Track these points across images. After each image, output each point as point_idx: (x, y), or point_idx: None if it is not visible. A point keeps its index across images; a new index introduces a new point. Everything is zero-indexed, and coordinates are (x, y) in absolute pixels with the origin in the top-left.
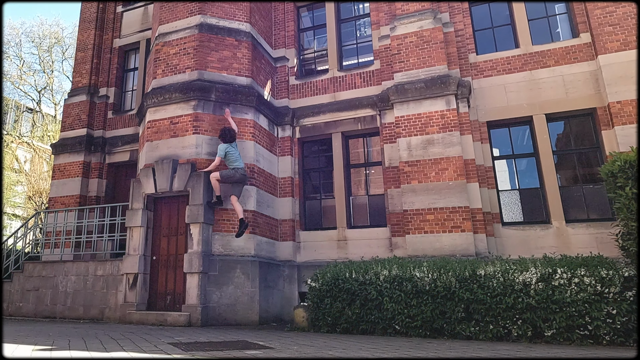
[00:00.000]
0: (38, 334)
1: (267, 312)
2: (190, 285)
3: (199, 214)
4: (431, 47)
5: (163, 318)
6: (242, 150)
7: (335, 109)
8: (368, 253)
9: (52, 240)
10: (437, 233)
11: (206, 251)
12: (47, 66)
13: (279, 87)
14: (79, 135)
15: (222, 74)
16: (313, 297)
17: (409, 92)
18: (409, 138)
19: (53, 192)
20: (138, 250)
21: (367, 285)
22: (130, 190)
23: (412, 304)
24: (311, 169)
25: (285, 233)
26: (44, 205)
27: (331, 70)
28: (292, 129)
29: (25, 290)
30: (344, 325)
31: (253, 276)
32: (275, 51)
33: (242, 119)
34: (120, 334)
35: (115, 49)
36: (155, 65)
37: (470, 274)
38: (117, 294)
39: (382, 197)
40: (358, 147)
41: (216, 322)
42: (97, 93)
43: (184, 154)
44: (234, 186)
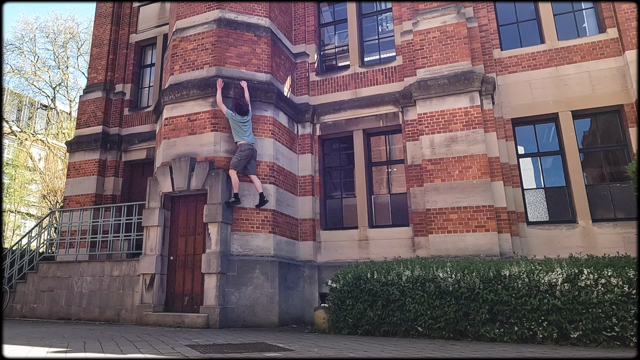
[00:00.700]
0: (53, 336)
1: (286, 313)
2: (208, 286)
3: (217, 213)
4: (454, 42)
5: (180, 319)
6: (261, 148)
7: (357, 106)
8: (390, 253)
9: (67, 240)
10: (461, 233)
11: (224, 251)
12: (62, 62)
13: (299, 84)
14: (95, 133)
15: (240, 70)
16: (334, 298)
17: (432, 88)
18: (432, 135)
19: (68, 190)
20: (155, 250)
21: (389, 286)
22: (147, 188)
23: (435, 305)
24: (332, 167)
25: (305, 232)
26: (59, 204)
27: (352, 66)
28: (312, 126)
29: (40, 291)
30: (365, 327)
31: (272, 277)
32: (295, 47)
33: (261, 116)
34: (136, 335)
35: (132, 45)
36: (173, 61)
37: (495, 274)
38: (134, 295)
39: (404, 195)
40: (380, 144)
41: (235, 323)
42: (113, 89)
43: (202, 151)
44: (249, 165)
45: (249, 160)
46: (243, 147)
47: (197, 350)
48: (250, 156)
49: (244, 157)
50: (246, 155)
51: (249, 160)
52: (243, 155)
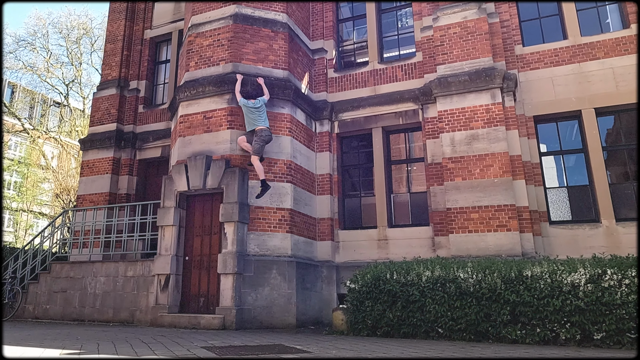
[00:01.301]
0: (66, 338)
1: (304, 314)
2: (225, 287)
3: (234, 212)
4: (475, 38)
5: (196, 321)
6: (279, 146)
7: (376, 103)
8: (410, 253)
9: (80, 239)
10: (482, 232)
11: (241, 251)
12: (75, 58)
13: (316, 80)
14: (109, 130)
15: (257, 67)
16: (352, 299)
17: (453, 85)
18: (453, 133)
19: (81, 189)
20: (170, 250)
21: (409, 287)
22: (162, 187)
23: (456, 306)
24: (350, 166)
25: (323, 232)
26: (72, 203)
27: (371, 62)
28: (330, 124)
29: (53, 292)
30: (384, 328)
31: (290, 277)
32: (313, 43)
33: (279, 114)
34: (151, 337)
35: (146, 41)
36: (188, 58)
37: (517, 275)
38: (148, 295)
39: (424, 194)
40: (399, 142)
41: (251, 325)
42: (128, 86)
43: (218, 149)
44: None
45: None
46: (261, 132)
47: (213, 352)
48: (269, 141)
49: (264, 141)
50: (266, 139)
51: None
52: (263, 139)
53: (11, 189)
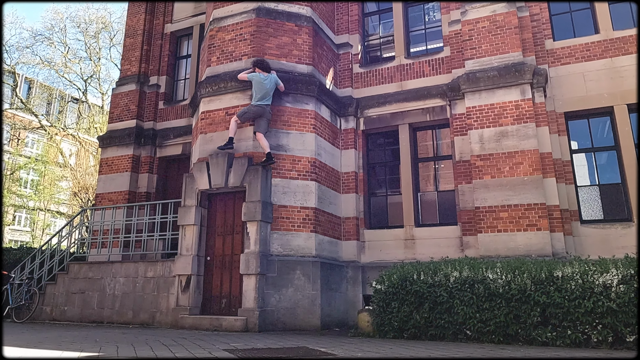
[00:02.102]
0: (84, 340)
1: (329, 316)
2: (247, 288)
3: (257, 211)
4: (505, 32)
5: (218, 323)
6: (303, 144)
7: (402, 99)
8: (437, 253)
9: (99, 239)
10: (511, 232)
11: (264, 251)
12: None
13: (341, 76)
14: (128, 127)
15: (281, 62)
16: (378, 300)
17: (481, 80)
18: (481, 130)
19: (100, 187)
20: (191, 250)
21: (437, 288)
22: (183, 185)
23: (485, 308)
24: (376, 163)
25: (348, 232)
26: (90, 202)
27: (398, 57)
28: (355, 120)
29: (71, 293)
30: (411, 330)
31: (314, 278)
32: (337, 37)
33: (303, 110)
34: (171, 339)
35: (167, 35)
36: (210, 52)
37: (547, 275)
38: (169, 297)
39: (452, 193)
40: (426, 139)
41: (274, 327)
42: (147, 82)
43: (240, 147)
44: (256, 123)
45: (260, 118)
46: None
47: (236, 355)
48: (259, 115)
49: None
50: (253, 112)
51: (260, 118)
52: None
53: (28, 187)
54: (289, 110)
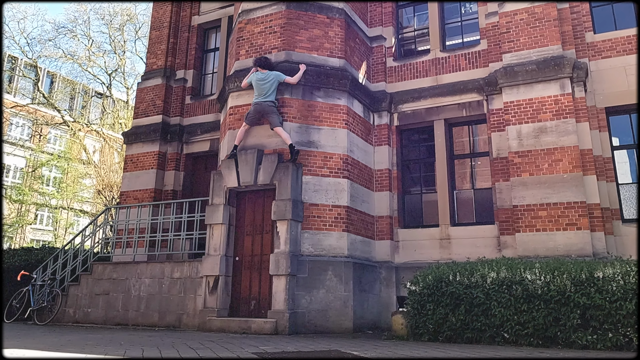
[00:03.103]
0: (108, 343)
1: (361, 318)
2: (277, 289)
3: (287, 210)
4: (544, 25)
5: (247, 325)
6: (335, 140)
7: (437, 94)
8: (473, 253)
9: (123, 239)
10: (550, 231)
11: (294, 251)
12: (118, 46)
13: (374, 70)
14: (154, 123)
15: (312, 55)
16: (413, 302)
17: (519, 74)
18: (519, 126)
19: (125, 185)
20: (219, 250)
21: (473, 289)
22: (211, 183)
23: (523, 310)
24: (411, 160)
25: (381, 231)
26: (115, 200)
27: (433, 50)
28: (389, 116)
29: (94, 295)
30: (447, 333)
31: (346, 279)
32: (370, 30)
33: (334, 105)
34: (199, 342)
35: (194, 27)
36: (238, 45)
37: (587, 276)
38: (196, 298)
39: (489, 191)
40: (463, 135)
41: (305, 329)
42: (174, 76)
43: (270, 143)
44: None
45: (262, 115)
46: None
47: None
48: (259, 112)
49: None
50: (253, 111)
51: (262, 115)
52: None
53: (50, 185)
54: (320, 105)
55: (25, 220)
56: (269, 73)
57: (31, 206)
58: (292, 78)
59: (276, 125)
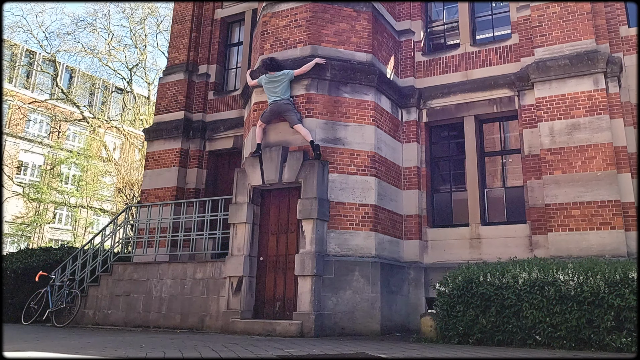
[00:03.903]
0: (129, 346)
1: (389, 320)
2: (303, 290)
3: (312, 209)
4: (577, 18)
5: (271, 327)
6: (362, 137)
7: (467, 89)
8: (504, 253)
9: (144, 238)
10: (584, 230)
11: (320, 251)
12: (139, 40)
13: (403, 64)
14: (176, 119)
15: (338, 49)
16: (442, 303)
17: (552, 69)
18: (552, 122)
19: (146, 183)
20: (243, 250)
21: (504, 290)
22: (234, 181)
23: (555, 311)
24: (440, 158)
25: (410, 230)
26: (136, 198)
27: (463, 44)
28: (418, 112)
29: (115, 296)
30: (477, 335)
31: (374, 279)
32: (399, 23)
33: (362, 101)
34: (222, 345)
35: (217, 21)
36: (263, 40)
37: (622, 277)
38: (219, 299)
39: (520, 189)
40: (493, 132)
41: (331, 331)
42: (196, 71)
43: (295, 140)
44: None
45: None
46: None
47: None
48: (275, 112)
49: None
50: (269, 112)
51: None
52: (266, 110)
53: (69, 183)
54: (347, 101)
55: (44, 219)
56: (278, 73)
57: (50, 205)
58: (299, 69)
59: (295, 123)
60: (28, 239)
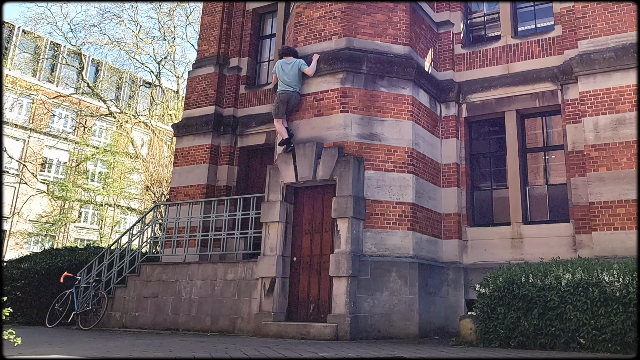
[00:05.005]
0: (157, 349)
1: (428, 323)
2: (338, 292)
3: (348, 207)
4: (622, 9)
5: (305, 330)
6: (399, 132)
7: (509, 83)
8: (547, 253)
9: (173, 238)
10: (629, 230)
11: (356, 251)
12: (167, 32)
13: (441, 57)
14: (206, 114)
15: (374, 42)
16: (482, 305)
17: (596, 62)
18: (596, 117)
19: (175, 181)
20: (275, 250)
21: (547, 292)
22: (267, 179)
23: (600, 314)
24: (480, 154)
25: (449, 229)
26: (164, 196)
27: (504, 37)
28: (457, 107)
29: (142, 298)
30: (519, 338)
31: (411, 281)
32: (437, 14)
33: (399, 95)
34: (254, 348)
35: (249, 12)
36: (296, 32)
37: None
38: (251, 301)
39: (564, 187)
40: (535, 127)
41: (367, 334)
42: (227, 64)
43: (330, 135)
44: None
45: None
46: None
47: None
48: (285, 101)
49: (279, 101)
50: (281, 100)
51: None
52: (277, 100)
53: (96, 180)
54: (383, 95)
55: (69, 218)
56: (293, 60)
57: (75, 203)
58: (308, 68)
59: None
60: (52, 239)
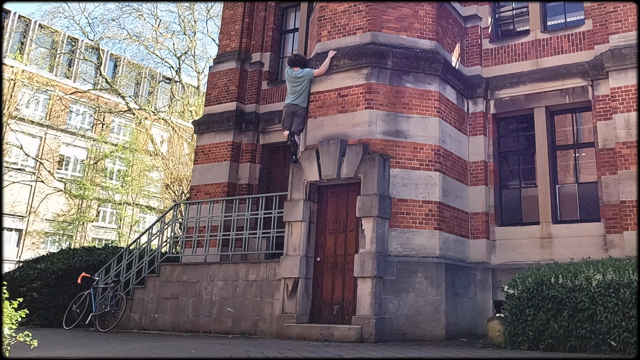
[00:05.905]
0: (178, 351)
1: (455, 324)
2: (362, 293)
3: (373, 206)
4: None
5: (329, 332)
6: (425, 129)
7: (538, 79)
8: (577, 253)
9: (194, 237)
10: None
11: (381, 251)
12: (188, 27)
13: (469, 52)
14: (227, 111)
15: (400, 36)
16: (511, 306)
17: (628, 58)
18: (628, 114)
19: (195, 179)
20: (298, 250)
21: (577, 293)
22: (290, 177)
23: (631, 315)
24: (508, 152)
25: (476, 229)
26: (185, 195)
27: (533, 31)
28: (485, 103)
29: (162, 299)
30: (548, 340)
31: (438, 281)
32: (464, 8)
33: (425, 91)
34: (276, 351)
35: (271, 6)
36: (320, 26)
37: None
38: (273, 302)
39: (594, 185)
40: (565, 124)
41: (393, 336)
42: (249, 59)
43: (354, 132)
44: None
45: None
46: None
47: None
48: (291, 114)
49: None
50: (285, 113)
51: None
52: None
53: (114, 178)
54: (409, 91)
55: (87, 217)
56: (302, 71)
57: (93, 202)
58: (318, 69)
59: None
60: (70, 238)
